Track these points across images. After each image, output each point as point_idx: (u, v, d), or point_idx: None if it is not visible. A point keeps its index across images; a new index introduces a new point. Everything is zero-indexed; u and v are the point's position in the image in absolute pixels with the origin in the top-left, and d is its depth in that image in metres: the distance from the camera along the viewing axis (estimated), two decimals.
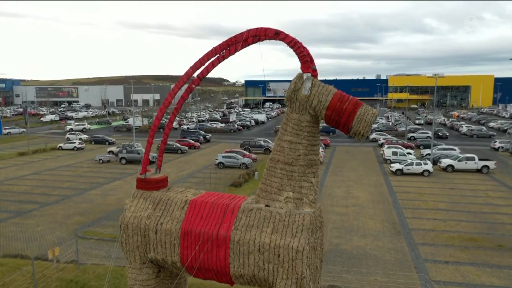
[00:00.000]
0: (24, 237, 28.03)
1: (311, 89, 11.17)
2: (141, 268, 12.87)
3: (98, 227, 30.36)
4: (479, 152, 65.00)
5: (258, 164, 54.45)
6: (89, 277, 17.62)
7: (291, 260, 10.91)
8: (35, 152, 65.25)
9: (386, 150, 57.31)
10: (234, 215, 11.84)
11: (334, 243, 27.31)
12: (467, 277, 22.34)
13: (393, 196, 39.00)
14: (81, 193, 40.13)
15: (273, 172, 11.93)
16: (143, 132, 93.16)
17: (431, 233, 29.01)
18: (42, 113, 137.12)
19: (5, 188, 41.70)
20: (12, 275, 17.99)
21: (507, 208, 34.51)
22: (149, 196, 13.08)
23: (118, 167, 53.23)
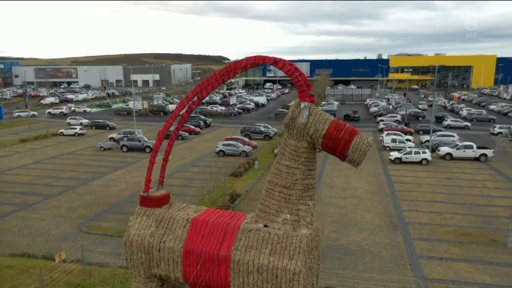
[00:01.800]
0: (29, 232, 28.74)
1: (308, 117, 11.47)
2: (145, 282, 13.47)
3: (101, 220, 31.07)
4: (478, 138, 65.45)
5: (258, 152, 54.98)
6: (95, 281, 18.33)
7: (289, 281, 11.46)
8: (36, 138, 65.71)
9: (385, 137, 57.69)
10: (234, 236, 12.32)
11: (332, 238, 28.03)
12: (460, 274, 23.09)
13: (391, 187, 39.61)
14: (84, 183, 40.76)
15: (272, 194, 12.35)
16: (143, 116, 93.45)
17: (427, 227, 29.70)
18: (42, 95, 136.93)
19: (9, 179, 42.32)
20: (20, 277, 18.70)
21: (502, 200, 35.13)
22: (152, 213, 13.53)
23: (120, 155, 53.76)
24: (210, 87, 12.71)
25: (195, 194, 36.89)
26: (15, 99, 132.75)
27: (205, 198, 35.31)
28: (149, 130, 73.21)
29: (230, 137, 58.54)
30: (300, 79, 11.42)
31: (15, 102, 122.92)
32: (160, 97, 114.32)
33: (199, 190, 37.79)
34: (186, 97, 13.03)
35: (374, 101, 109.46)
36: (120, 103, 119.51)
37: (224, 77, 12.41)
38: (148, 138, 62.06)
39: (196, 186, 39.62)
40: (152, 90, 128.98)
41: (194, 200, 35.36)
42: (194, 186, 39.59)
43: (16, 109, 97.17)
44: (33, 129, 74.21)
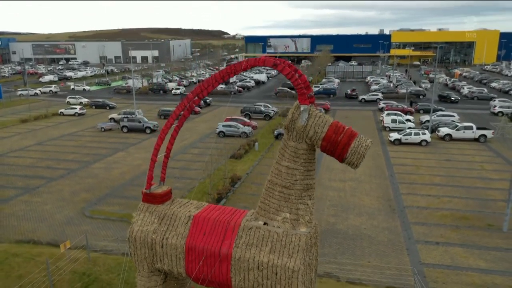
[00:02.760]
0: (33, 217, 29.24)
1: (308, 119, 11.59)
2: (149, 276, 13.92)
3: (104, 205, 31.52)
4: (478, 117, 65.46)
5: (258, 133, 55.13)
6: (100, 270, 18.84)
7: (288, 278, 11.86)
8: (36, 119, 65.74)
9: (385, 117, 57.69)
10: (235, 233, 12.66)
11: (331, 222, 28.53)
12: (456, 259, 23.64)
13: (390, 169, 39.96)
14: (85, 166, 41.11)
15: (272, 194, 12.61)
16: (143, 95, 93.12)
17: (424, 211, 30.17)
18: (41, 72, 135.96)
19: (11, 161, 42.65)
20: (27, 266, 19.22)
21: (500, 183, 35.50)
22: (154, 210, 13.83)
23: (120, 136, 53.94)
24: (210, 87, 12.81)
25: (196, 177, 37.31)
26: (14, 76, 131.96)
27: (206, 181, 35.67)
28: (149, 110, 73.15)
29: (230, 118, 58.55)
30: (299, 82, 11.49)
31: (14, 80, 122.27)
32: (159, 74, 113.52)
33: (199, 173, 38.17)
34: (187, 97, 13.15)
35: (375, 78, 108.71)
36: (120, 80, 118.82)
37: (224, 77, 12.48)
38: (148, 119, 62.12)
39: (196, 168, 40.04)
40: (151, 67, 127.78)
41: (195, 183, 35.79)
42: (194, 169, 40.01)
43: (15, 87, 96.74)
44: (33, 108, 74.17)
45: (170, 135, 14.24)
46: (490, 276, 21.77)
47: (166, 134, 13.52)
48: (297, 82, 11.47)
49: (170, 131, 14.01)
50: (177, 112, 13.31)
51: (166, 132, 13.47)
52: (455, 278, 21.69)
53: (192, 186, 35.18)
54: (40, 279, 17.82)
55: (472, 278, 21.63)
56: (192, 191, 33.80)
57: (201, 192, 33.58)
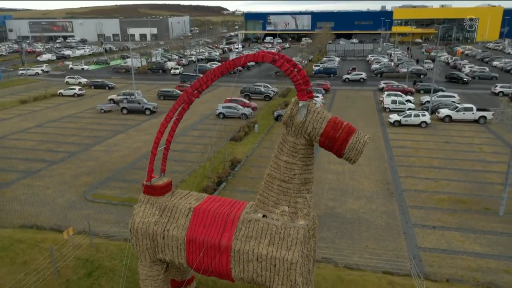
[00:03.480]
0: (36, 201, 29.59)
1: (306, 115, 11.66)
2: (151, 266, 14.27)
3: (105, 188, 31.84)
4: (479, 97, 65.24)
5: (258, 114, 55.10)
6: (103, 256, 19.24)
7: (286, 270, 12.18)
8: (36, 100, 65.56)
9: (385, 98, 57.52)
10: (234, 226, 12.91)
11: (330, 206, 28.90)
12: (452, 243, 24.08)
13: (389, 151, 40.15)
14: (86, 149, 41.29)
15: (270, 187, 12.79)
16: (142, 74, 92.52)
17: (422, 195, 30.51)
18: (38, 51, 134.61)
19: (12, 144, 42.82)
20: (31, 252, 19.63)
21: (498, 166, 35.74)
22: (155, 202, 14.06)
23: (120, 118, 53.94)
24: (209, 81, 12.86)
25: (196, 160, 37.53)
26: (11, 55, 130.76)
27: (206, 164, 35.93)
28: (148, 90, 72.86)
29: (230, 99, 58.40)
30: (298, 78, 11.50)
31: (12, 59, 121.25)
32: (158, 53, 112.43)
33: (199, 156, 38.41)
34: (185, 91, 13.18)
35: (376, 57, 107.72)
36: (118, 59, 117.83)
37: (223, 72, 12.49)
38: (148, 99, 61.95)
39: (196, 151, 40.24)
40: (150, 45, 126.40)
41: (195, 166, 36.03)
42: (194, 152, 40.21)
43: (14, 67, 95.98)
44: (31, 89, 73.88)
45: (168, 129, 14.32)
46: (484, 260, 22.23)
47: (165, 127, 13.61)
48: (296, 78, 11.49)
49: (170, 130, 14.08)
50: (176, 106, 13.37)
51: (165, 126, 13.56)
52: (450, 262, 22.15)
53: (192, 169, 35.43)
54: (45, 266, 18.22)
55: (467, 262, 22.09)
56: (192, 175, 34.09)
57: (201, 175, 33.85)
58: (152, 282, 14.42)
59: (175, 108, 13.40)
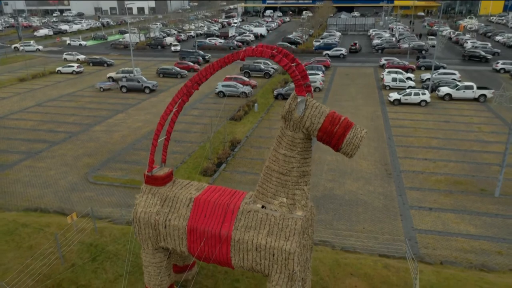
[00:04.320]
0: (38, 183, 30.00)
1: (304, 110, 11.79)
2: (153, 253, 14.72)
3: (106, 170, 32.19)
4: (480, 74, 64.86)
5: (258, 92, 54.95)
6: (107, 240, 19.73)
7: (284, 259, 12.60)
8: (34, 77, 65.21)
9: (386, 76, 57.19)
10: (234, 216, 13.26)
11: (328, 187, 29.32)
12: (447, 225, 24.60)
13: (388, 131, 40.31)
14: (86, 129, 41.46)
15: (269, 179, 13.06)
16: (140, 50, 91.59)
17: (420, 176, 30.89)
18: (35, 25, 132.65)
19: (12, 124, 42.95)
20: (36, 237, 20.13)
21: (496, 146, 36.00)
22: (156, 192, 14.36)
23: (119, 96, 53.84)
24: (209, 75, 12.91)
25: (196, 141, 37.78)
26: (7, 30, 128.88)
27: (205, 145, 36.20)
28: (147, 67, 72.34)
29: (230, 77, 58.12)
30: (297, 74, 11.57)
31: (8, 34, 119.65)
32: (156, 28, 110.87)
33: (199, 136, 38.65)
34: (185, 85, 13.25)
35: (378, 31, 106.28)
36: (116, 34, 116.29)
37: (222, 66, 12.55)
38: (147, 77, 61.67)
39: (196, 131, 40.43)
40: (149, 19, 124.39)
41: (195, 147, 36.29)
42: (194, 132, 40.41)
43: (10, 43, 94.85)
44: (29, 66, 73.36)
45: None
46: (478, 242, 22.79)
47: (166, 120, 13.75)
48: (294, 73, 11.56)
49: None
50: (176, 99, 13.48)
51: (166, 118, 13.69)
52: (445, 244, 22.71)
53: (192, 150, 35.71)
54: (51, 250, 18.74)
55: (461, 244, 22.65)
56: (192, 156, 34.40)
57: (201, 156, 34.17)
58: (155, 269, 14.92)
59: (175, 101, 13.51)
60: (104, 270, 17.59)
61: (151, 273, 15.05)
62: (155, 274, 15.00)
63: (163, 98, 53.23)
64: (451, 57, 79.05)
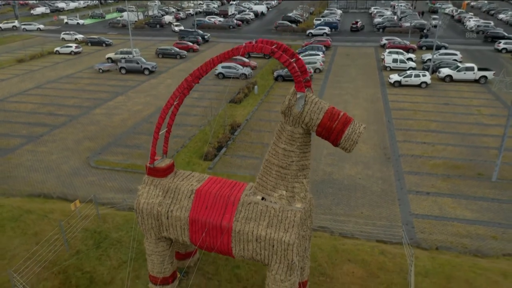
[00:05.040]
0: (41, 168, 30.31)
1: (304, 106, 11.92)
2: (156, 242, 15.10)
3: (108, 154, 32.44)
4: (481, 54, 64.40)
5: (257, 74, 54.72)
6: (110, 227, 20.14)
7: (283, 250, 12.97)
8: (32, 58, 64.76)
9: (386, 57, 56.81)
10: (234, 208, 13.57)
11: (328, 172, 29.65)
12: (444, 209, 25.02)
13: (388, 114, 40.39)
14: (87, 112, 41.53)
15: (269, 172, 13.30)
16: (139, 29, 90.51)
17: (418, 160, 31.18)
18: (32, 3, 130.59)
19: (12, 107, 42.97)
20: (41, 224, 20.55)
21: (494, 129, 36.16)
22: (158, 183, 14.63)
23: (119, 78, 53.63)
24: (209, 69, 13.01)
25: (196, 124, 37.93)
26: (3, 8, 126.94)
27: (206, 128, 36.39)
28: (146, 47, 71.73)
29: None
30: (296, 70, 11.65)
31: (4, 12, 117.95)
32: (155, 6, 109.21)
33: (199, 120, 38.78)
34: (186, 80, 13.34)
35: (379, 9, 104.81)
36: (114, 12, 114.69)
37: (222, 61, 12.62)
38: (146, 58, 61.30)
39: (196, 114, 40.51)
40: None
41: (195, 131, 36.46)
42: (194, 115, 40.48)
43: (6, 21, 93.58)
44: (27, 46, 72.80)
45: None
46: (474, 227, 23.25)
47: (167, 113, 13.89)
48: (294, 70, 11.63)
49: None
50: (176, 93, 13.59)
51: (167, 111, 13.83)
52: (441, 228, 23.17)
53: (193, 134, 35.88)
54: (56, 237, 19.17)
55: (457, 229, 23.12)
56: (193, 140, 34.61)
57: (202, 140, 34.40)
58: (158, 257, 15.35)
59: (176, 95, 13.63)
60: (108, 257, 18.06)
61: (154, 261, 15.49)
62: (158, 262, 15.45)
63: (163, 80, 53.05)
64: (453, 36, 78.31)
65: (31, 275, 16.80)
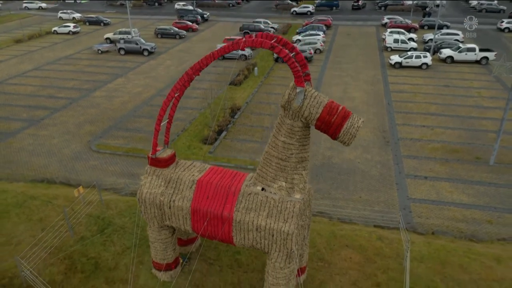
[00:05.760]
0: (43, 152, 30.56)
1: (303, 101, 12.06)
2: (159, 230, 15.50)
3: (109, 138, 32.63)
4: (484, 34, 63.75)
5: (257, 55, 54.37)
6: (113, 213, 20.54)
7: (283, 240, 13.34)
8: (30, 38, 64.19)
9: (387, 37, 56.33)
10: (235, 198, 13.87)
11: (327, 156, 29.92)
12: (441, 194, 25.39)
13: (388, 96, 40.40)
14: (86, 95, 41.50)
15: (269, 164, 13.54)
16: (137, 8, 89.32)
17: (417, 144, 31.40)
18: None
19: (12, 90, 42.91)
20: (45, 209, 20.95)
21: (494, 112, 36.25)
22: (160, 173, 14.90)
23: (118, 59, 53.31)
24: (209, 62, 13.09)
25: (196, 107, 37.98)
26: None
27: (206, 112, 36.48)
28: (145, 27, 70.99)
29: (229, 38, 57.22)
30: (296, 65, 11.75)
31: None
32: None
33: (200, 102, 38.81)
34: (186, 73, 13.42)
35: None
36: None
37: (222, 54, 12.69)
38: (145, 38, 60.78)
39: (196, 97, 40.50)
40: None
41: (196, 114, 36.56)
42: (194, 97, 40.47)
43: (3, 2, 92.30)
44: (24, 25, 71.98)
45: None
46: (470, 211, 23.66)
47: (168, 106, 14.04)
48: (293, 65, 11.72)
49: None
50: (177, 86, 13.71)
51: (168, 104, 13.98)
52: (438, 213, 23.59)
53: (193, 117, 35.99)
54: (61, 223, 19.58)
55: (453, 213, 23.54)
56: (193, 123, 34.75)
57: (202, 123, 34.54)
58: (161, 244, 15.78)
59: (176, 88, 13.75)
60: (112, 243, 18.52)
61: (157, 249, 15.93)
62: (161, 249, 15.89)
63: (162, 61, 52.75)
64: (456, 15, 77.29)
65: (38, 261, 17.28)
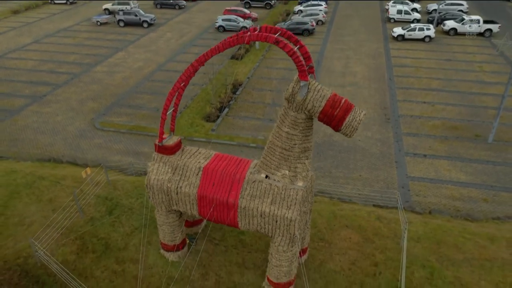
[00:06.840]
0: (47, 130, 30.93)
1: (307, 94, 12.33)
2: (167, 214, 16.13)
3: (112, 115, 32.92)
4: (489, 5, 62.67)
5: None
6: (120, 194, 21.15)
7: (286, 225, 13.96)
8: (28, 9, 63.20)
9: (391, 8, 55.44)
10: (240, 185, 14.40)
11: (328, 133, 30.29)
12: (439, 172, 25.97)
13: (389, 71, 40.34)
14: (88, 70, 41.42)
15: (273, 153, 13.96)
16: None
17: (417, 121, 31.72)
18: None
19: (12, 64, 42.78)
20: (54, 190, 21.57)
21: (495, 88, 36.35)
22: (167, 160, 15.35)
23: (117, 32, 52.74)
24: (214, 55, 13.24)
25: (198, 83, 38.01)
26: None
27: (207, 87, 36.59)
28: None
29: (230, 9, 56.37)
30: (300, 60, 11.95)
31: None
32: None
33: (201, 78, 38.80)
34: (191, 65, 13.62)
35: None
36: None
37: (227, 47, 12.86)
38: (144, 9, 59.85)
39: (198, 72, 40.39)
40: None
41: (197, 90, 36.67)
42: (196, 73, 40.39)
43: None
44: None
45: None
46: (467, 190, 24.30)
47: (173, 96, 14.31)
48: (298, 59, 11.91)
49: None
50: (183, 77, 13.93)
51: (173, 94, 14.24)
52: (436, 191, 24.24)
53: (195, 93, 36.12)
54: (70, 204, 20.25)
55: (451, 192, 24.19)
56: (195, 99, 34.93)
57: (204, 100, 34.73)
58: (169, 227, 16.47)
59: (182, 79, 13.97)
60: (121, 224, 19.24)
61: (165, 231, 16.63)
62: (169, 232, 16.59)
63: (162, 33, 52.19)
64: None
65: (50, 242, 18.05)
